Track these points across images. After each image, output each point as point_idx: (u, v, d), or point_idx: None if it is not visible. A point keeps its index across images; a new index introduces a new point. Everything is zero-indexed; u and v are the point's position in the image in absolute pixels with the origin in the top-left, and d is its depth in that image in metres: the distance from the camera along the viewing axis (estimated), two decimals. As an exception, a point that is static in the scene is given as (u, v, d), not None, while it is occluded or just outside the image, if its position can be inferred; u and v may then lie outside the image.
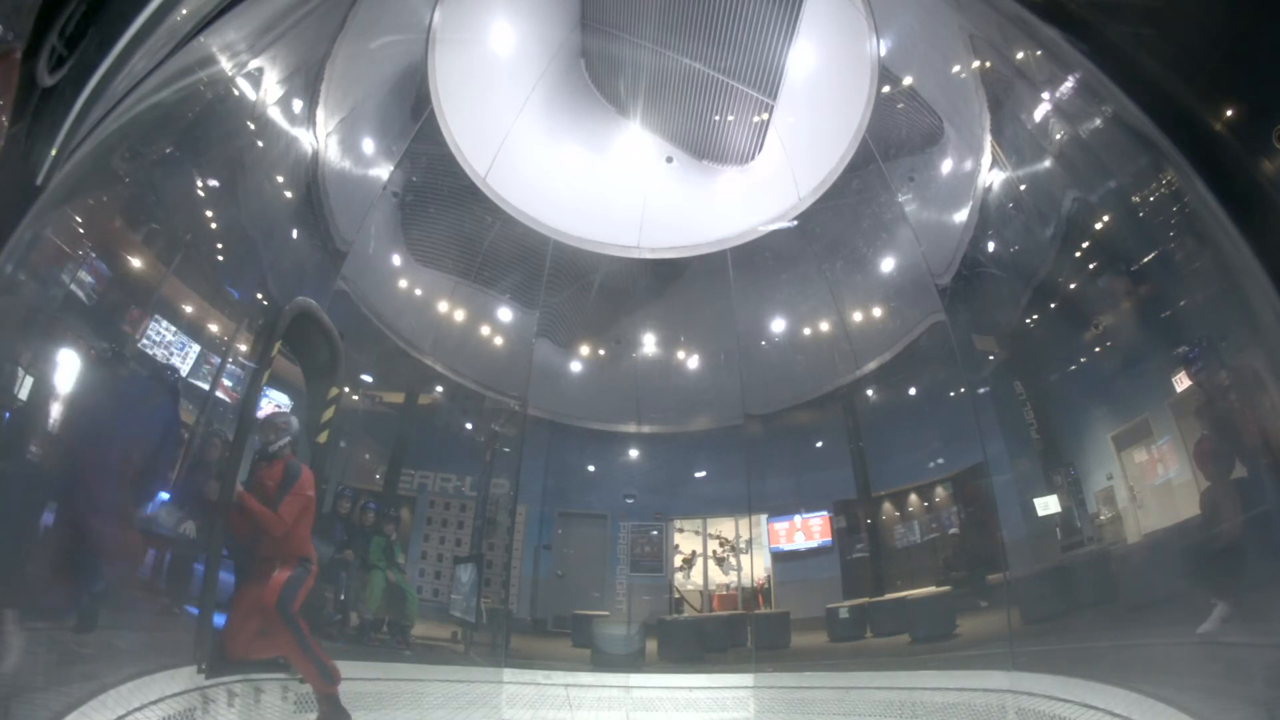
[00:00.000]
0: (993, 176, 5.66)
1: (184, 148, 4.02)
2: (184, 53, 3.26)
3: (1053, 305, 5.38)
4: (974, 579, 6.26)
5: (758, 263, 7.75)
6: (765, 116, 7.84)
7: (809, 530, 7.35)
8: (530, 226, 7.63)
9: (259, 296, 5.07)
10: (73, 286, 3.25)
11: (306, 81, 5.27)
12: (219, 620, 4.42)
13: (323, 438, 5.73)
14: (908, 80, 6.43)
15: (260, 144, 4.89)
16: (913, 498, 6.94)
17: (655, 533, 7.70)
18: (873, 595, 6.81)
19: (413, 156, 6.87)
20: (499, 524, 7.33)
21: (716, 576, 7.73)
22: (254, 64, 4.44)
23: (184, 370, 4.28)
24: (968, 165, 5.97)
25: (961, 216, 6.14)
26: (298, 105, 5.21)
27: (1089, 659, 4.57)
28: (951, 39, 5.66)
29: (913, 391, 7.17)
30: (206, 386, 4.54)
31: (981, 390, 6.24)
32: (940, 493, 6.73)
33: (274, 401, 5.33)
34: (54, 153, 2.40)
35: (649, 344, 8.22)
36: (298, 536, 4.76)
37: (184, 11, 2.83)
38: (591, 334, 8.27)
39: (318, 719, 4.60)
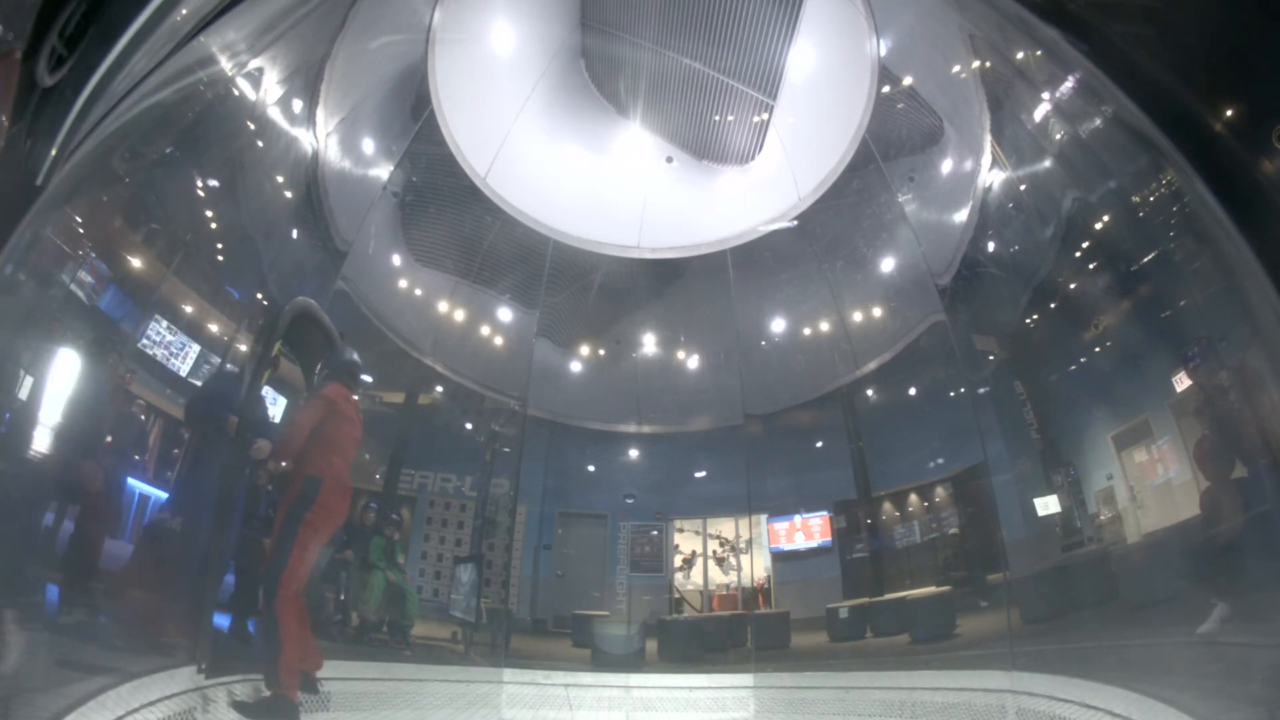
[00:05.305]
0: (993, 176, 5.66)
1: (184, 148, 4.02)
2: (184, 53, 3.25)
3: (1053, 305, 5.37)
4: (974, 579, 6.25)
5: (758, 263, 7.75)
6: (765, 116, 7.84)
7: (809, 530, 7.34)
8: (530, 226, 7.63)
9: (259, 296, 5.07)
10: (73, 286, 3.25)
11: (306, 81, 5.27)
12: (221, 620, 4.41)
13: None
14: (908, 80, 6.43)
15: (260, 144, 4.89)
16: (913, 498, 6.94)
17: (655, 533, 7.70)
18: (873, 595, 6.80)
19: (413, 156, 6.87)
20: (499, 524, 7.33)
21: (716, 576, 7.73)
22: (254, 64, 4.43)
23: (184, 370, 4.28)
24: (968, 165, 5.96)
25: (961, 216, 6.14)
26: (298, 105, 5.21)
27: (1089, 659, 4.57)
28: (951, 39, 5.66)
29: (913, 391, 7.17)
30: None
31: (981, 390, 6.24)
32: (940, 493, 6.73)
33: (274, 402, 5.33)
34: (54, 153, 2.39)
35: (649, 344, 8.22)
36: (311, 451, 4.49)
37: (184, 11, 2.83)
38: (591, 334, 8.27)
39: (265, 700, 4.19)
